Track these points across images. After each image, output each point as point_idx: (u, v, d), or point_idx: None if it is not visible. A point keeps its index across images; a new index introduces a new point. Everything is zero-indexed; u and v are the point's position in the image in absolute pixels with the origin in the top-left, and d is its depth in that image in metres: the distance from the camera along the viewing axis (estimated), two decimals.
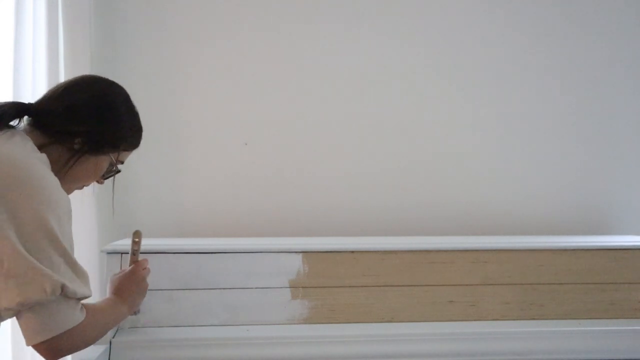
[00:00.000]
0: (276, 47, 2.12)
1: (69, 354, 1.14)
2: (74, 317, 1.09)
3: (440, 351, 1.56)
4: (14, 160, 1.06)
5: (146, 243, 1.61)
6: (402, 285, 1.69)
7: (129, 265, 1.46)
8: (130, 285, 1.40)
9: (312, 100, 2.13)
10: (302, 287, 1.67)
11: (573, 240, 1.85)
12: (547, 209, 2.19)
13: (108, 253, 1.65)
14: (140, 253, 1.49)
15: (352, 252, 1.71)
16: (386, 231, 2.11)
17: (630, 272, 1.76)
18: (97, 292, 1.89)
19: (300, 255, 1.69)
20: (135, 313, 1.51)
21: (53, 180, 1.09)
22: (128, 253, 1.50)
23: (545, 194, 2.20)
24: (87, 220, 1.91)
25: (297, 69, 2.13)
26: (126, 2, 2.07)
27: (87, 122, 1.18)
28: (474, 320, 1.67)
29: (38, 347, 1.08)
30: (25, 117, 1.18)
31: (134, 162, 2.07)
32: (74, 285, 1.07)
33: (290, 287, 1.66)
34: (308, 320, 1.64)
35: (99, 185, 1.33)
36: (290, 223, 2.09)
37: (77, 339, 1.12)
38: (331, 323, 1.64)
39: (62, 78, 1.69)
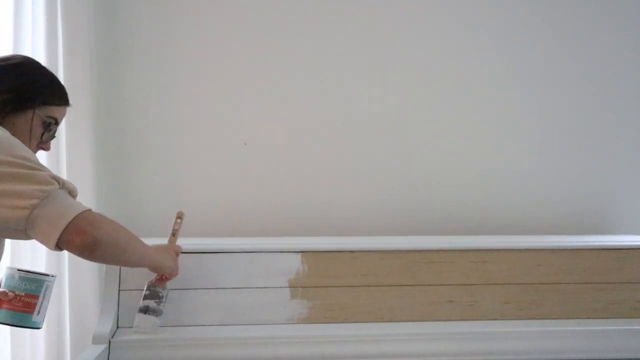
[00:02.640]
0: (276, 46, 2.12)
1: (101, 241, 1.11)
2: (82, 205, 1.12)
3: (440, 351, 1.56)
4: None
5: (146, 243, 1.62)
6: (402, 285, 1.69)
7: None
8: (166, 250, 1.49)
9: (312, 100, 2.13)
10: (302, 287, 1.67)
11: (573, 240, 1.85)
12: (547, 209, 2.19)
13: None
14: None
15: (352, 251, 1.71)
16: (386, 231, 2.10)
17: (630, 272, 1.76)
18: (96, 291, 1.89)
19: (300, 255, 1.69)
20: (145, 311, 1.53)
21: None
22: None
23: (545, 193, 2.20)
24: None
25: (297, 69, 2.13)
26: (126, 2, 2.07)
27: (1, 83, 1.24)
28: (474, 320, 1.67)
29: (65, 237, 1.07)
30: None
31: (134, 161, 2.10)
32: (63, 178, 1.12)
33: (289, 287, 1.66)
34: (307, 320, 1.64)
35: (99, 184, 1.34)
36: (289, 223, 2.09)
37: (104, 224, 1.12)
38: (330, 323, 1.64)
39: (61, 78, 1.69)
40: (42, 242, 1.08)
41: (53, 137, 1.34)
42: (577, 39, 2.22)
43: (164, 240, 1.58)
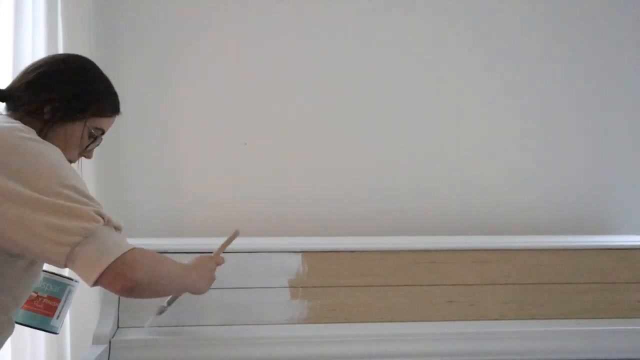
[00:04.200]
0: (276, 46, 2.12)
1: (142, 282, 1.07)
2: (127, 242, 1.09)
3: (440, 351, 1.56)
4: (2, 132, 1.08)
5: (146, 243, 1.61)
6: (402, 285, 1.69)
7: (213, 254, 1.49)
8: (204, 264, 1.41)
9: (312, 100, 2.13)
10: (302, 287, 1.67)
11: (573, 240, 1.85)
12: (547, 209, 2.19)
13: None
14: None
15: (352, 252, 1.72)
16: (386, 231, 2.10)
17: (630, 272, 1.76)
18: (97, 292, 1.89)
19: (300, 255, 1.69)
20: (160, 312, 1.52)
21: (39, 140, 1.11)
22: None
23: (545, 193, 2.20)
24: None
25: (297, 69, 2.13)
26: (126, 2, 2.07)
27: (52, 90, 1.19)
28: (474, 320, 1.67)
29: (105, 278, 1.03)
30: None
31: (133, 161, 2.10)
32: (109, 214, 1.08)
33: (289, 287, 1.66)
34: (307, 320, 1.64)
35: (99, 184, 1.34)
36: (289, 223, 2.09)
37: (146, 263, 1.09)
38: (331, 323, 1.64)
39: None
40: (81, 278, 1.06)
41: (98, 145, 1.30)
42: (577, 39, 2.22)
43: (164, 240, 1.58)
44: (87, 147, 1.26)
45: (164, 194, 2.08)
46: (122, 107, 1.33)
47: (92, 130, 1.24)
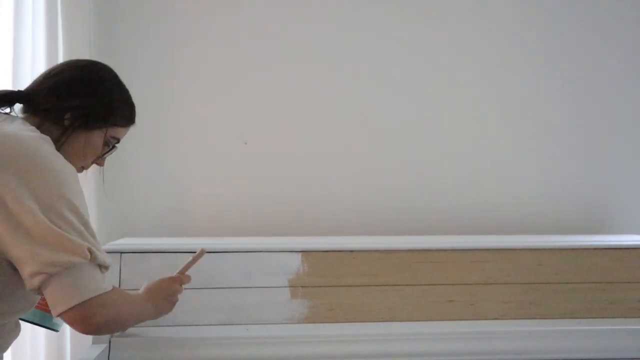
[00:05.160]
0: (276, 46, 2.12)
1: (102, 327, 1.10)
2: (104, 284, 1.09)
3: (440, 351, 1.56)
4: (20, 138, 1.08)
5: (146, 242, 1.62)
6: (402, 285, 1.69)
7: (176, 273, 1.45)
8: (162, 291, 1.38)
9: (312, 99, 2.14)
10: (302, 287, 1.67)
11: (573, 239, 1.85)
12: (547, 209, 2.19)
13: (107, 252, 1.64)
14: (141, 252, 1.49)
15: (352, 251, 1.71)
16: (386, 231, 2.10)
17: (630, 272, 1.76)
18: None
19: (300, 254, 1.69)
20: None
21: (58, 155, 1.11)
22: (127, 252, 1.50)
23: (545, 193, 2.20)
24: None
25: (297, 68, 2.13)
26: (126, 2, 2.07)
27: (74, 97, 1.19)
28: (474, 319, 1.67)
29: (69, 314, 1.05)
30: (18, 105, 1.20)
31: (134, 161, 2.10)
32: (99, 252, 1.08)
33: (289, 287, 1.66)
34: (307, 320, 1.64)
35: (99, 183, 1.34)
36: (289, 222, 2.09)
37: (111, 310, 1.10)
38: (331, 322, 1.64)
39: None
40: (49, 303, 1.07)
41: (111, 154, 1.31)
42: (577, 39, 2.22)
43: (164, 240, 1.58)
44: (102, 155, 1.27)
45: (164, 194, 2.08)
46: None
47: (109, 139, 1.25)
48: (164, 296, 1.38)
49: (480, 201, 2.17)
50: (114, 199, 2.04)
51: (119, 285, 1.60)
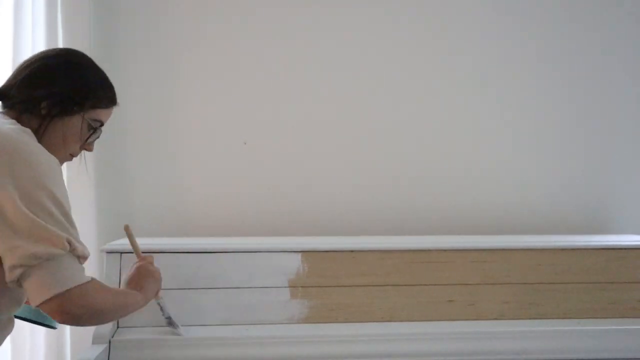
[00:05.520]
0: (276, 46, 2.12)
1: (81, 317, 1.10)
2: (82, 275, 1.09)
3: (440, 351, 1.56)
4: (0, 132, 1.08)
5: (146, 242, 1.62)
6: (402, 285, 1.69)
7: (137, 260, 1.46)
8: (141, 273, 1.39)
9: (312, 99, 2.13)
10: (302, 287, 1.67)
11: (573, 239, 1.85)
12: (547, 209, 2.19)
13: (107, 252, 1.65)
14: (142, 253, 1.49)
15: (352, 251, 1.72)
16: (386, 231, 2.11)
17: (629, 272, 1.76)
18: None
19: (300, 254, 1.69)
20: (158, 302, 1.51)
21: (39, 146, 1.12)
22: (127, 252, 1.50)
23: (545, 193, 2.20)
24: (87, 220, 1.91)
25: (297, 69, 2.13)
26: (126, 2, 2.07)
27: (47, 85, 1.19)
28: (473, 319, 1.67)
29: (49, 304, 1.05)
30: None
31: (134, 161, 2.10)
32: (78, 243, 1.08)
33: (289, 287, 1.66)
34: (307, 320, 1.64)
35: (99, 183, 1.33)
36: (289, 223, 2.09)
37: (90, 300, 1.09)
38: (330, 322, 1.64)
39: None
40: (28, 295, 1.07)
41: (98, 137, 1.29)
42: (577, 39, 2.22)
43: (164, 240, 1.58)
44: (87, 139, 1.26)
45: (164, 194, 2.08)
46: (122, 107, 1.33)
47: (91, 122, 1.24)
48: (146, 278, 1.39)
49: (480, 201, 2.17)
50: (114, 199, 2.04)
51: (119, 286, 1.60)
